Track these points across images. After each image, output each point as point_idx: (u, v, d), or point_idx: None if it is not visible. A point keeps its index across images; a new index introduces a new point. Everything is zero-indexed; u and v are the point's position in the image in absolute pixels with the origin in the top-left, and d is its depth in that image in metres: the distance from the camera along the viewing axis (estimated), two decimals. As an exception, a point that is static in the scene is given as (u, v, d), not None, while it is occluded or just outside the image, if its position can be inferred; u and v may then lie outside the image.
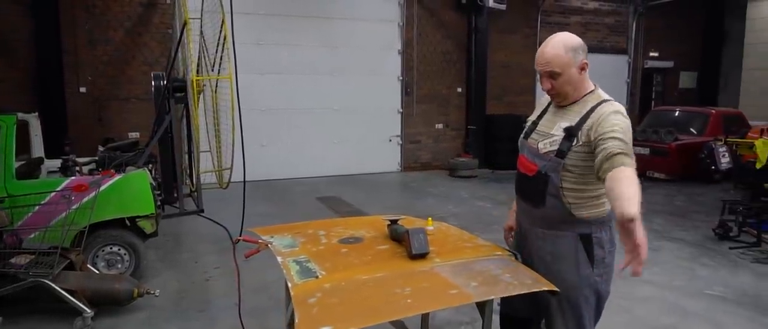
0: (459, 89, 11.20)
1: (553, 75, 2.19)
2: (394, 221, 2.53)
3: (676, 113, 10.85)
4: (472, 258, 2.27)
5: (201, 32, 5.29)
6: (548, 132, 2.27)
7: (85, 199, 3.95)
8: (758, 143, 6.41)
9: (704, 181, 9.14)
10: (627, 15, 12.80)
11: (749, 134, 8.35)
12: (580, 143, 2.15)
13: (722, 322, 3.89)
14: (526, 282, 2.03)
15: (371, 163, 10.52)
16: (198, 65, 5.21)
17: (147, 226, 4.41)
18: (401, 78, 10.67)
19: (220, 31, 4.75)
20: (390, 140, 10.79)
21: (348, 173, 10.17)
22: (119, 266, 4.38)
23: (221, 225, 5.88)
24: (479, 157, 10.68)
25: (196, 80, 4.68)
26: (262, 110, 9.20)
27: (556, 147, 2.20)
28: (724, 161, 8.20)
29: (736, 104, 12.68)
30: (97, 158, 4.84)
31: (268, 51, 9.40)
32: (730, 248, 5.66)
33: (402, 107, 10.76)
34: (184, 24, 4.64)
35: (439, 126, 11.18)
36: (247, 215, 5.53)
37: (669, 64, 13.70)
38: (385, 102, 10.64)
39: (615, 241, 2.25)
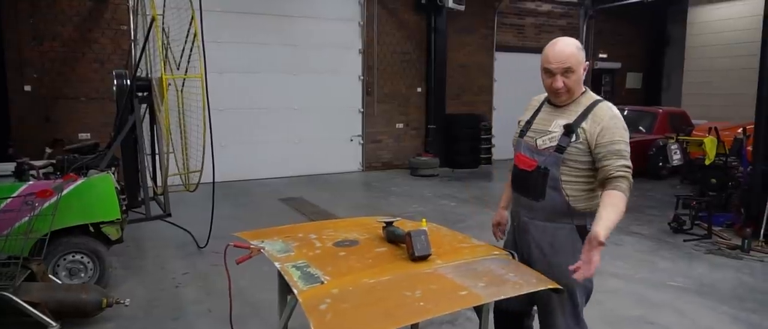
0: (419, 89, 11.27)
1: (567, 72, 2.25)
2: (389, 224, 2.51)
3: (625, 112, 11.30)
4: (471, 258, 2.28)
5: (164, 29, 5.08)
6: (545, 129, 2.36)
7: (46, 204, 3.72)
8: (707, 141, 6.80)
9: (653, 177, 9.58)
10: (578, 18, 13.24)
11: (696, 132, 8.84)
12: (580, 139, 2.25)
13: (688, 312, 4.08)
14: (532, 281, 2.06)
15: (333, 163, 10.44)
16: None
17: (112, 232, 4.20)
18: (362, 77, 10.64)
19: (190, 27, 4.57)
20: (351, 140, 10.74)
21: (309, 174, 10.05)
22: (82, 275, 4.15)
23: (186, 231, 5.67)
24: (440, 156, 10.76)
25: (163, 79, 4.48)
26: (221, 109, 8.91)
27: (554, 143, 2.29)
28: (676, 157, 8.64)
29: (678, 104, 13.36)
30: (53, 161, 4.55)
31: (226, 49, 9.13)
32: (685, 240, 5.96)
33: (363, 107, 10.73)
34: (152, 20, 4.44)
35: (400, 126, 11.21)
36: (211, 219, 5.37)
37: (617, 65, 14.28)
38: (346, 101, 10.58)
39: None
